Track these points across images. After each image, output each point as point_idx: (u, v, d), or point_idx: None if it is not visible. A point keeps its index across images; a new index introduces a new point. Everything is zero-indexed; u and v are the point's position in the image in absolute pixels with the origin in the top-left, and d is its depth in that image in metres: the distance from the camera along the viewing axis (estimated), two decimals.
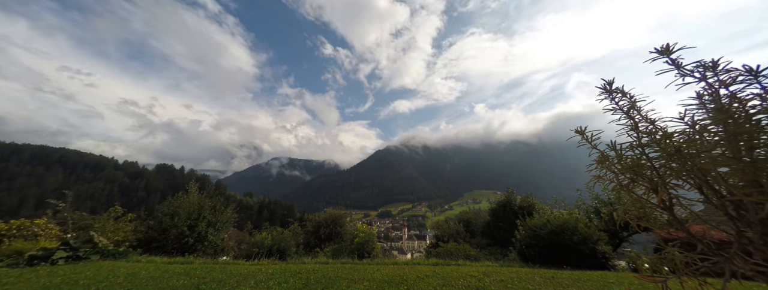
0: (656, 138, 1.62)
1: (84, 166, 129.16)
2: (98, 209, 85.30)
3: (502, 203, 15.27)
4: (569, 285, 5.25)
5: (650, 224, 1.76)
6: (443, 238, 15.54)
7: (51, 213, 10.14)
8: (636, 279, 5.63)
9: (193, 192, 11.33)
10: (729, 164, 1.34)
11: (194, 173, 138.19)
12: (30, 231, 9.10)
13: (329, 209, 16.11)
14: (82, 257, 7.38)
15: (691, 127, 1.49)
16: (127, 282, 5.21)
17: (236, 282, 5.13)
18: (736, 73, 1.34)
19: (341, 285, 4.96)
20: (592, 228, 8.62)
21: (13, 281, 5.22)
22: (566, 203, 14.39)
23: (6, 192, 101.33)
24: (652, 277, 1.61)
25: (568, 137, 1.96)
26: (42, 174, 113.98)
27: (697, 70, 1.44)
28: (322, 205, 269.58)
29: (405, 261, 8.70)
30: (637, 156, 1.69)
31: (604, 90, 1.77)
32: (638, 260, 8.02)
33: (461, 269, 6.69)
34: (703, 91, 1.45)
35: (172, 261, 7.73)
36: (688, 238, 1.60)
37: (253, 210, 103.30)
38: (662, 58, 1.52)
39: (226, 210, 11.95)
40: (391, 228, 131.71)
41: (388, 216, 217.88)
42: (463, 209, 27.42)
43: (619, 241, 11.04)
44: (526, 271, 6.51)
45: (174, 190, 11.73)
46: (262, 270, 6.28)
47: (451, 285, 5.07)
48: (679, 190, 1.59)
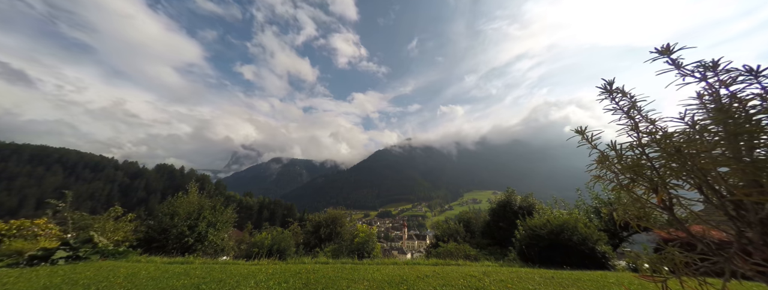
0: (656, 138, 1.62)
1: (84, 166, 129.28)
2: (98, 209, 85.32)
3: (502, 203, 15.26)
4: (569, 285, 5.25)
5: (650, 224, 1.76)
6: (443, 238, 15.54)
7: (51, 213, 10.15)
8: (636, 279, 5.63)
9: (193, 192, 11.34)
10: (729, 164, 1.34)
11: (194, 173, 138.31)
12: (30, 231, 9.11)
13: (329, 209, 16.10)
14: (82, 257, 7.38)
15: (691, 127, 1.49)
16: (127, 282, 5.21)
17: (236, 282, 5.13)
18: (736, 73, 1.34)
19: (341, 285, 4.96)
20: (592, 228, 8.63)
21: (13, 281, 5.22)
22: (566, 203, 14.40)
23: (6, 192, 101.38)
24: (651, 277, 1.62)
25: (568, 137, 1.97)
26: (42, 174, 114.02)
27: (697, 70, 1.44)
28: (322, 205, 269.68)
29: (405, 261, 8.70)
30: (637, 156, 1.69)
31: (605, 90, 1.78)
32: (638, 260, 8.03)
33: (461, 269, 6.69)
34: (703, 91, 1.46)
35: (172, 261, 7.73)
36: (688, 238, 1.60)
37: (253, 210, 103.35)
38: (662, 57, 1.52)
39: (226, 210, 11.95)
40: (391, 228, 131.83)
41: (388, 216, 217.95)
42: (463, 209, 27.38)
43: (619, 241, 11.05)
44: (525, 271, 6.50)
45: (174, 190, 11.74)
46: (262, 270, 6.28)
47: (451, 285, 5.07)
48: (679, 190, 1.59)
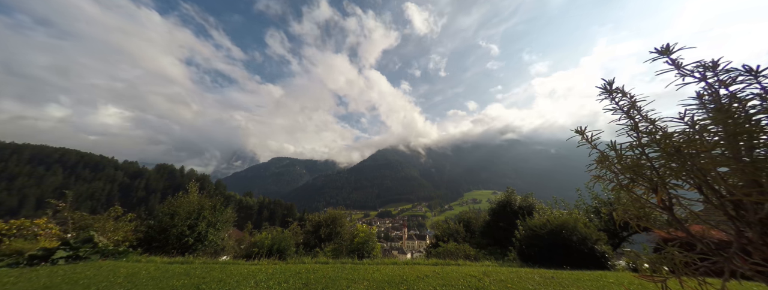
0: (656, 138, 1.62)
1: (84, 166, 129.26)
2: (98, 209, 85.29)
3: (502, 203, 15.26)
4: (569, 284, 5.25)
5: (650, 224, 1.76)
6: (443, 238, 15.54)
7: (51, 213, 10.14)
8: (636, 279, 5.63)
9: (193, 192, 11.34)
10: (729, 164, 1.34)
11: (194, 173, 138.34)
12: (30, 231, 9.10)
13: (329, 209, 16.08)
14: (82, 257, 7.38)
15: (690, 127, 1.49)
16: (127, 281, 5.21)
17: (236, 282, 5.14)
18: (736, 73, 1.34)
19: (341, 285, 4.96)
20: (592, 227, 8.63)
21: (13, 281, 5.22)
22: (566, 203, 14.40)
23: (6, 192, 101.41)
24: (651, 277, 1.62)
25: (568, 137, 1.97)
26: (42, 174, 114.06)
27: (697, 70, 1.44)
28: (322, 205, 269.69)
29: (405, 261, 8.69)
30: (637, 156, 1.70)
31: (604, 90, 1.78)
32: (638, 260, 8.05)
33: (461, 269, 6.69)
34: (703, 91, 1.46)
35: (172, 261, 7.73)
36: (687, 238, 1.60)
37: (253, 210, 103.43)
38: (662, 57, 1.53)
39: (226, 210, 11.95)
40: (391, 228, 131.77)
41: (388, 216, 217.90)
42: (463, 209, 27.36)
43: (618, 241, 11.05)
44: (525, 271, 6.50)
45: (174, 190, 11.75)
46: (262, 270, 6.28)
47: (451, 285, 5.07)
48: (679, 190, 1.59)
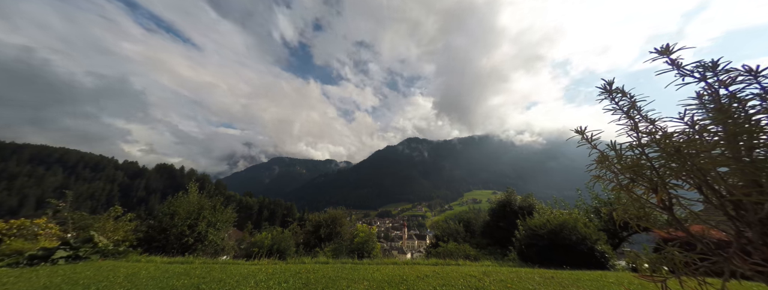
0: (656, 138, 1.62)
1: (84, 166, 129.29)
2: (98, 209, 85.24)
3: (502, 203, 15.27)
4: (569, 284, 5.25)
5: (650, 224, 1.76)
6: (443, 238, 15.53)
7: (51, 212, 10.14)
8: (635, 279, 5.63)
9: (193, 192, 11.33)
10: (728, 164, 1.34)
11: (194, 173, 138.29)
12: (30, 231, 9.10)
13: (329, 209, 16.07)
14: (82, 257, 7.38)
15: (690, 127, 1.49)
16: (127, 281, 5.21)
17: (236, 282, 5.13)
18: (736, 73, 1.34)
19: (341, 285, 4.96)
20: (592, 227, 8.63)
21: (13, 281, 5.21)
22: (566, 203, 14.41)
23: (6, 192, 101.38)
24: (651, 277, 1.62)
25: (568, 137, 1.97)
26: (42, 174, 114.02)
27: (697, 70, 1.44)
28: (322, 205, 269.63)
29: (405, 261, 8.69)
30: (637, 156, 1.70)
31: (604, 90, 1.78)
32: (638, 260, 8.04)
33: (461, 269, 6.69)
34: (703, 91, 1.46)
35: (172, 261, 7.73)
36: (687, 238, 1.60)
37: (253, 209, 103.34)
38: (662, 57, 1.52)
39: (226, 210, 11.95)
40: (391, 228, 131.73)
41: (388, 216, 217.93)
42: (463, 209, 27.37)
43: (618, 241, 11.06)
44: (525, 271, 6.50)
45: (174, 190, 11.74)
46: (262, 269, 6.28)
47: (451, 285, 5.07)
48: (679, 190, 1.59)
